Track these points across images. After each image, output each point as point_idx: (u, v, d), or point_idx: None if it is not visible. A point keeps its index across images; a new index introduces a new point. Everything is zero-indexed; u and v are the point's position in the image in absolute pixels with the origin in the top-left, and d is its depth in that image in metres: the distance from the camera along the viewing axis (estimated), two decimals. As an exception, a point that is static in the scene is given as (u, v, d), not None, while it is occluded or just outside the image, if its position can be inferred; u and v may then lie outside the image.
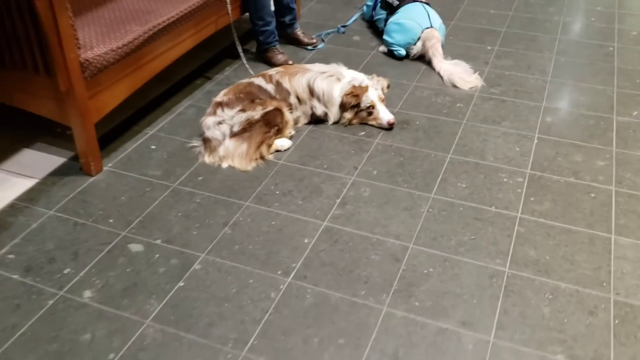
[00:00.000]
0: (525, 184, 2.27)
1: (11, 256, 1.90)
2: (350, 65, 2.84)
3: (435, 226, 2.06)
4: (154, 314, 1.70)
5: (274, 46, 3.07)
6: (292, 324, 1.69)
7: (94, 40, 2.16)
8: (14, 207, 2.11)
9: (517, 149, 2.46)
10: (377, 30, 3.42)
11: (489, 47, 3.31)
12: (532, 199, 2.19)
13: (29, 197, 2.15)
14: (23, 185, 2.21)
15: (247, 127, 2.34)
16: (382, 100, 2.60)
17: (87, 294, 1.77)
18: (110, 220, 2.05)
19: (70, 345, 1.61)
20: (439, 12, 3.27)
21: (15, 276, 1.82)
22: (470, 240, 2.00)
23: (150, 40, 2.36)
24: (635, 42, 3.40)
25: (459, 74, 2.95)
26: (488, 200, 2.18)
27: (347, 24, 3.53)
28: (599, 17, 3.73)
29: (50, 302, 1.74)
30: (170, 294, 1.77)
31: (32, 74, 2.09)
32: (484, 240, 2.00)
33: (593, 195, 2.22)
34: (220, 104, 2.40)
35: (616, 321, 1.71)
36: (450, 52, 3.16)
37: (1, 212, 2.08)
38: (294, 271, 1.86)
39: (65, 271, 1.84)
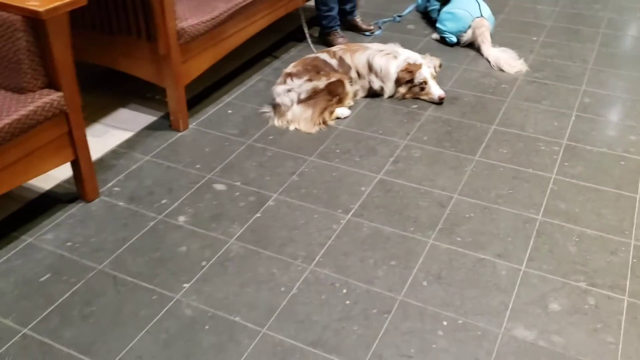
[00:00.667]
0: (561, 152, 2.52)
1: (117, 189, 2.27)
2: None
3: (477, 182, 2.34)
4: (237, 235, 2.04)
5: (336, 30, 3.40)
6: (351, 248, 2.00)
7: (187, 13, 2.52)
8: (116, 153, 2.48)
9: (555, 124, 2.72)
10: (430, 20, 3.71)
11: (534, 38, 3.56)
12: (566, 163, 2.45)
13: (127, 146, 2.53)
14: (121, 136, 2.59)
15: (313, 95, 2.68)
16: (434, 78, 2.89)
17: (182, 218, 2.12)
18: (197, 166, 2.40)
19: (170, 254, 1.96)
20: (489, 5, 3.55)
21: (121, 203, 2.19)
22: (508, 194, 2.28)
23: (232, 17, 2.71)
24: (675, 37, 3.60)
25: (505, 59, 3.22)
26: (526, 163, 2.45)
27: (402, 14, 3.83)
28: (642, 14, 3.94)
29: (152, 223, 2.10)
30: (250, 221, 2.11)
31: (135, 39, 2.46)
32: (521, 194, 2.28)
33: (623, 163, 2.46)
34: (289, 75, 2.74)
35: (634, 260, 1.97)
36: (498, 41, 3.42)
37: (105, 156, 2.45)
38: (352, 210, 2.18)
39: (162, 201, 2.20)
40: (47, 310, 1.76)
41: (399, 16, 3.80)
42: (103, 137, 2.57)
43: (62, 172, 2.27)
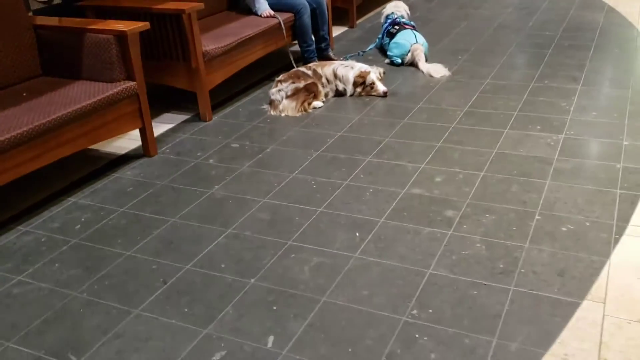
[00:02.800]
0: (462, 114, 3.74)
1: (168, 150, 3.50)
2: (362, 65, 4.44)
3: (404, 132, 3.55)
4: (247, 165, 3.26)
5: (314, 59, 4.72)
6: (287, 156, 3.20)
7: (209, 42, 3.83)
8: (165, 135, 3.74)
9: (462, 101, 3.95)
10: (384, 52, 5.03)
11: (459, 57, 4.86)
12: (464, 119, 3.66)
13: (172, 130, 3.79)
14: (167, 127, 3.86)
15: (295, 92, 3.94)
16: (380, 80, 4.16)
17: (211, 160, 3.34)
18: (219, 137, 3.64)
19: (204, 173, 3.17)
20: (428, 38, 4.86)
21: (172, 157, 3.42)
22: (422, 134, 3.48)
23: (237, 47, 4.03)
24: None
25: (434, 68, 4.49)
26: (437, 119, 3.66)
27: (365, 50, 5.16)
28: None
29: (192, 163, 3.32)
30: (255, 159, 3.33)
31: (175, 62, 3.77)
32: (432, 133, 3.48)
33: (502, 116, 3.67)
34: (279, 81, 4.03)
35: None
36: (433, 60, 4.71)
37: (160, 135, 3.70)
38: (321, 149, 3.38)
39: (198, 154, 3.43)
40: (136, 199, 2.96)
41: (363, 52, 5.13)
42: (156, 129, 3.83)
43: (132, 143, 3.53)
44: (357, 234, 2.57)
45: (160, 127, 3.83)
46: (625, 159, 3.04)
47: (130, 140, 3.65)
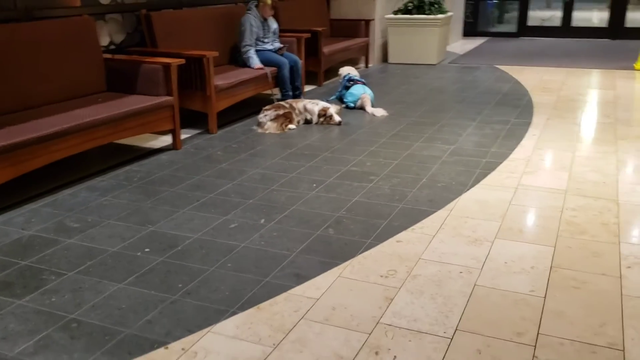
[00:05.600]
0: (387, 137, 5.43)
1: (189, 147, 5.11)
2: (325, 105, 6.16)
3: (349, 146, 5.22)
4: (242, 155, 4.88)
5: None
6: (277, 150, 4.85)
7: (219, 79, 5.53)
8: (186, 139, 5.35)
9: (392, 128, 5.65)
10: (342, 100, 6.79)
11: (397, 105, 6.63)
12: (389, 142, 5.36)
13: (189, 138, 5.40)
14: (186, 136, 5.47)
15: (277, 117, 5.62)
16: (338, 114, 5.88)
17: (218, 152, 4.95)
18: (223, 140, 5.27)
19: (215, 157, 4.78)
20: (376, 93, 6.65)
21: (192, 150, 5.02)
22: (342, 147, 5.16)
23: (236, 85, 5.73)
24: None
25: (377, 110, 6.25)
26: (371, 140, 5.35)
27: (328, 99, 6.92)
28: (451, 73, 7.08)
29: (206, 154, 4.92)
30: (250, 152, 4.96)
31: (195, 91, 5.44)
32: (353, 148, 5.16)
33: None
34: (266, 109, 5.72)
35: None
36: (376, 106, 6.46)
37: (182, 140, 5.31)
38: (291, 150, 5.02)
39: (208, 149, 5.04)
40: (172, 168, 4.53)
41: (327, 100, 6.88)
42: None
43: (164, 142, 5.14)
44: (314, 185, 4.17)
45: (181, 135, 5.44)
46: (489, 157, 4.73)
47: (162, 142, 5.25)
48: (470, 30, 13.54)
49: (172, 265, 3.06)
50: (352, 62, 9.09)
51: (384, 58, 9.72)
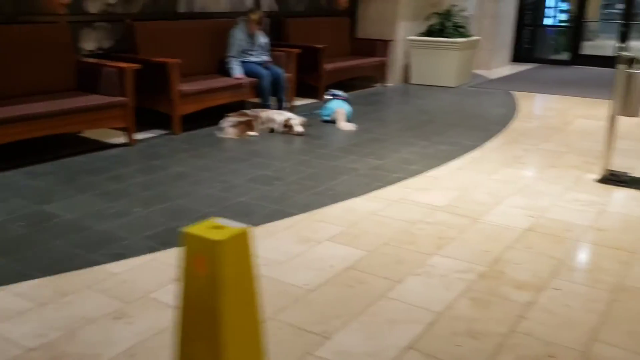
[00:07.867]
0: (348, 145, 5.65)
1: (144, 144, 5.61)
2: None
3: (305, 152, 5.50)
4: (210, 156, 5.30)
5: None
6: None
7: (184, 85, 6.00)
8: (142, 140, 5.85)
9: (352, 141, 5.86)
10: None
11: (372, 122, 6.80)
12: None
13: (150, 137, 5.90)
14: (150, 135, 5.98)
15: (238, 124, 6.00)
16: (301, 124, 6.16)
17: (176, 152, 5.41)
18: (183, 141, 5.71)
19: (163, 157, 5.23)
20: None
21: (145, 144, 5.51)
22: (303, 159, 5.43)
23: (205, 92, 6.17)
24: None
25: (348, 125, 6.47)
26: (334, 147, 5.60)
27: (313, 112, 7.21)
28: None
29: (157, 150, 5.39)
30: (217, 150, 5.37)
31: (161, 95, 5.94)
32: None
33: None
34: (228, 115, 6.12)
35: (329, 165, 5.04)
36: (354, 121, 6.68)
37: (144, 138, 5.81)
38: (253, 154, 5.38)
39: (163, 149, 5.51)
40: (108, 162, 5.03)
41: (316, 111, 7.18)
42: (142, 135, 5.95)
43: (119, 139, 5.67)
44: (217, 184, 4.50)
45: (144, 135, 5.96)
46: (401, 173, 4.84)
47: (118, 139, 5.78)
48: (524, 56, 13.32)
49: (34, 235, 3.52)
50: (368, 80, 9.34)
51: (406, 79, 9.86)
